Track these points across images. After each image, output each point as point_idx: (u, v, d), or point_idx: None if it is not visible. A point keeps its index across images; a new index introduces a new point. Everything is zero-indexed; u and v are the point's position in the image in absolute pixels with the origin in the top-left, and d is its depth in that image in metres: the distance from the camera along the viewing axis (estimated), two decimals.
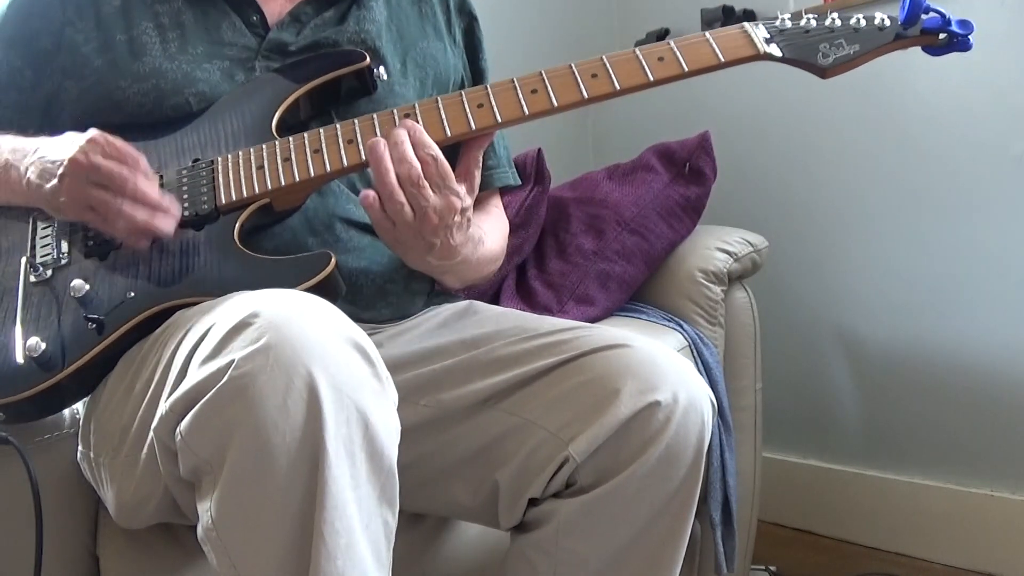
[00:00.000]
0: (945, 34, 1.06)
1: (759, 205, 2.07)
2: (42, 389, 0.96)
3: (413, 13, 1.26)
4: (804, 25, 1.07)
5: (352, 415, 0.81)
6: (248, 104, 1.11)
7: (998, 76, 1.72)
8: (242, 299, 0.87)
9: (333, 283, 0.99)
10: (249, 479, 0.80)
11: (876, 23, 1.07)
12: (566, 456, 0.99)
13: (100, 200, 0.98)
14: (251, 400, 0.78)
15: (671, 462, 0.99)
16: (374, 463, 0.83)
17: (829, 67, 1.05)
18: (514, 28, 2.37)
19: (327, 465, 0.79)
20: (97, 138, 0.99)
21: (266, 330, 0.80)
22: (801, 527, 2.03)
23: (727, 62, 1.05)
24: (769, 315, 1.76)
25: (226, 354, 0.81)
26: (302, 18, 1.18)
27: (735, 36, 1.06)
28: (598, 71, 1.05)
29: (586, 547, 1.01)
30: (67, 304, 1.00)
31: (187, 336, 0.89)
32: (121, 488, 0.97)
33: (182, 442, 0.82)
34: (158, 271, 1.02)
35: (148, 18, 1.14)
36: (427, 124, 1.03)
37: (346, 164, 1.04)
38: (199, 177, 1.06)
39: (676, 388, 1.00)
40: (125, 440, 0.96)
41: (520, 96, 1.05)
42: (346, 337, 0.84)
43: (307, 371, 0.79)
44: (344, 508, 0.80)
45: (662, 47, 1.06)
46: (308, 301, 0.87)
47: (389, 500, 0.85)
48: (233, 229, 1.03)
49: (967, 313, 1.81)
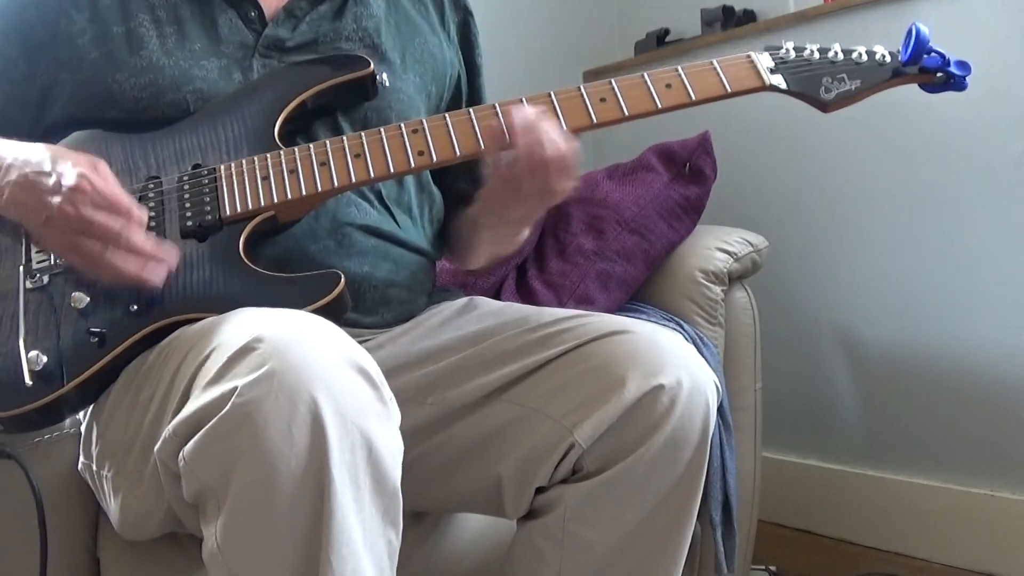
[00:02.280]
0: (943, 74, 1.09)
1: (759, 205, 2.07)
2: (42, 404, 0.95)
3: (410, 7, 1.25)
4: (807, 56, 1.10)
5: (357, 441, 0.81)
6: (249, 107, 1.09)
7: (998, 76, 1.71)
8: (245, 320, 0.87)
9: (341, 302, 0.99)
10: (255, 506, 0.80)
11: (877, 58, 1.10)
12: (571, 442, 0.99)
13: (88, 251, 0.94)
14: (256, 428, 0.78)
15: (677, 446, 1.00)
16: (378, 486, 0.83)
17: (831, 102, 1.08)
18: (514, 28, 2.37)
19: (332, 492, 0.79)
20: (84, 187, 0.93)
21: (269, 356, 0.80)
22: (801, 527, 2.03)
23: (734, 92, 1.08)
24: (769, 315, 1.76)
25: (229, 380, 0.80)
26: (297, 12, 1.16)
27: (741, 66, 1.08)
28: (607, 95, 1.07)
29: (593, 532, 1.01)
30: (67, 315, 0.98)
31: (189, 357, 0.88)
32: (125, 503, 0.97)
33: (186, 467, 0.82)
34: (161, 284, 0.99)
35: (145, 10, 1.12)
36: (435, 142, 1.04)
37: (354, 180, 1.04)
38: (201, 185, 1.04)
39: (680, 372, 1.00)
40: (128, 457, 0.95)
41: None
42: (350, 361, 0.83)
43: (311, 398, 0.79)
44: (350, 533, 0.80)
45: (670, 73, 1.08)
46: (311, 324, 0.86)
47: (392, 520, 0.85)
48: (238, 242, 1.01)
49: (967, 313, 1.80)
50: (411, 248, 1.18)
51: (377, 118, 1.14)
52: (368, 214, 1.13)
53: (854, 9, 1.92)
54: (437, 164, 1.06)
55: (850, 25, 1.93)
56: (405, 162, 1.05)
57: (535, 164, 1.02)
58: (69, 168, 0.95)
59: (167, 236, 1.02)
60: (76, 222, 0.93)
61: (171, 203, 1.03)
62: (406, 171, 1.06)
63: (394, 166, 1.05)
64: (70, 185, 0.94)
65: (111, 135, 1.09)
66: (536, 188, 1.05)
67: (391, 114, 1.15)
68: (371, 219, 1.13)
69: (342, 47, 1.17)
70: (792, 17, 2.04)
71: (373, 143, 1.05)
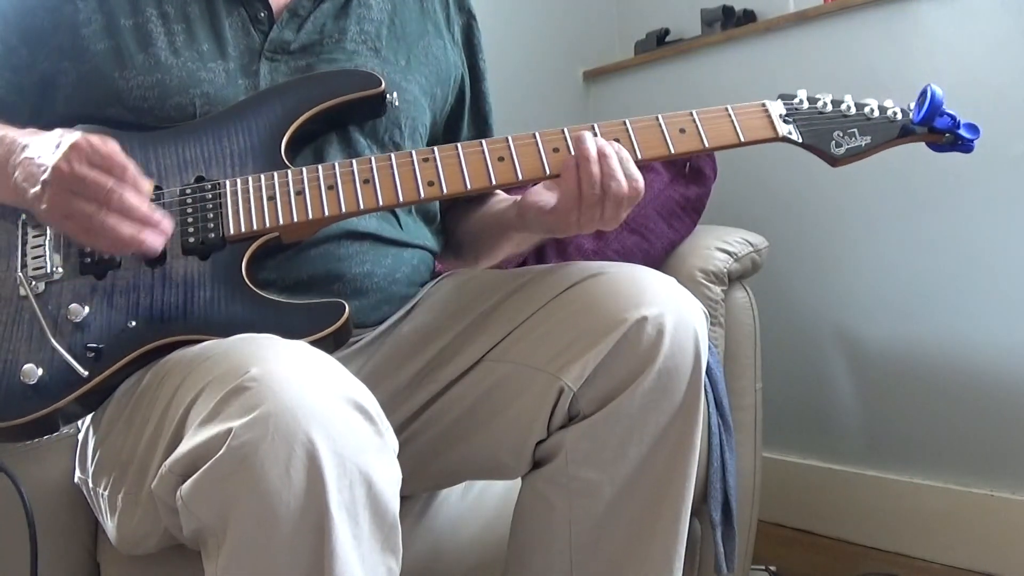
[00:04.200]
0: (951, 135, 1.11)
1: (759, 205, 2.07)
2: (38, 417, 0.93)
3: (416, 8, 1.24)
4: (820, 108, 1.12)
5: (355, 478, 0.80)
6: (256, 119, 1.07)
7: (998, 76, 1.71)
8: (239, 352, 0.86)
9: (344, 333, 0.98)
10: (254, 547, 0.79)
11: (888, 114, 1.12)
12: (560, 387, 0.99)
13: (82, 212, 0.90)
14: (253, 470, 0.77)
15: (670, 376, 0.99)
16: (377, 519, 0.83)
17: (841, 157, 1.11)
18: (514, 28, 2.37)
19: (332, 530, 0.79)
20: (81, 144, 0.91)
21: (263, 398, 0.79)
22: (801, 527, 2.03)
23: (747, 142, 1.09)
24: (769, 315, 1.76)
25: (223, 420, 0.80)
26: (301, 12, 1.15)
27: (755, 115, 1.10)
28: (620, 136, 1.07)
29: (598, 474, 1.00)
30: (62, 326, 0.96)
31: (182, 388, 0.87)
32: (122, 522, 0.96)
33: (183, 506, 0.82)
34: (160, 300, 0.98)
35: (153, 5, 1.10)
36: (446, 172, 1.04)
37: (363, 206, 1.02)
38: (204, 200, 1.02)
39: (663, 302, 1.00)
40: (125, 477, 0.95)
41: (542, 153, 1.06)
42: (345, 397, 0.83)
43: (307, 438, 0.78)
44: (351, 570, 0.80)
45: (684, 118, 1.08)
46: (306, 359, 0.85)
47: (392, 548, 0.85)
48: (241, 263, 1.00)
49: (967, 313, 1.80)
50: (413, 245, 1.18)
51: (386, 119, 1.14)
52: (369, 221, 1.12)
53: (854, 9, 1.92)
54: (447, 196, 1.05)
55: (850, 25, 1.93)
56: (414, 191, 1.03)
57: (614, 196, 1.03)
58: (73, 134, 0.93)
59: (168, 252, 1.00)
60: (69, 179, 0.90)
61: (173, 216, 1.01)
62: (415, 201, 1.05)
63: (403, 195, 1.03)
64: (69, 143, 0.91)
65: (116, 133, 1.06)
66: (611, 216, 1.05)
67: (400, 115, 1.15)
68: (371, 227, 1.13)
69: (345, 47, 1.16)
70: (792, 17, 2.03)
71: (383, 169, 1.03)
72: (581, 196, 1.02)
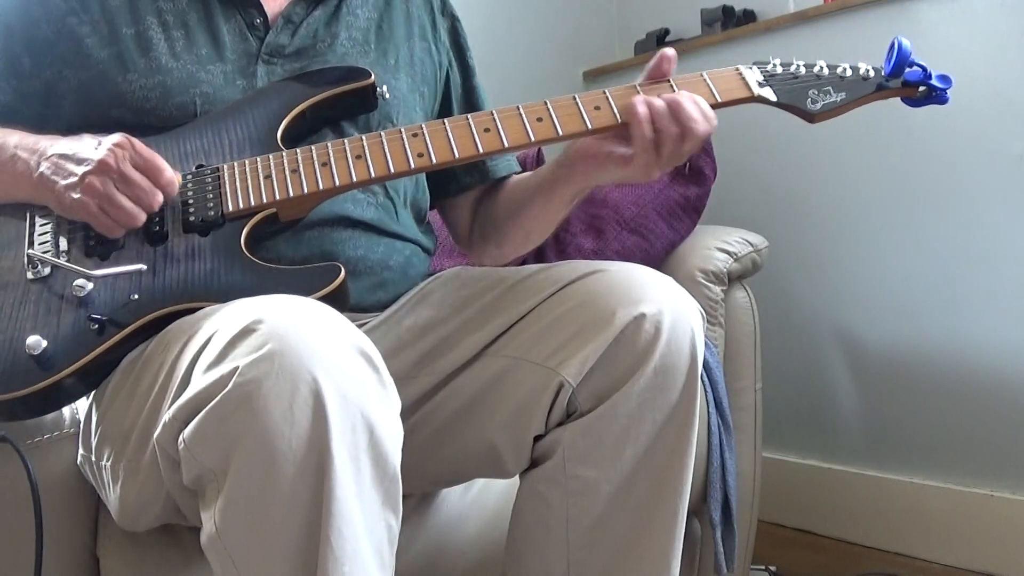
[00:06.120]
0: (925, 87, 1.13)
1: (759, 205, 2.07)
2: (40, 388, 0.95)
3: (401, 14, 1.28)
4: (794, 71, 1.14)
5: (358, 422, 0.81)
6: (253, 113, 1.12)
7: (998, 76, 1.72)
8: (245, 305, 0.87)
9: (342, 295, 0.99)
10: (254, 487, 0.79)
11: (860, 73, 1.14)
12: (559, 382, 1.00)
13: (120, 208, 0.99)
14: (256, 408, 0.78)
15: (667, 373, 1.00)
16: (378, 469, 0.83)
17: (817, 112, 1.13)
18: (514, 28, 2.38)
19: (333, 472, 0.79)
20: (124, 143, 0.99)
21: (270, 337, 0.80)
22: (801, 527, 2.03)
23: (723, 103, 1.11)
24: (769, 315, 1.76)
25: (230, 361, 0.80)
26: (293, 18, 1.20)
27: (731, 78, 1.13)
28: (601, 103, 1.09)
29: (595, 471, 1.01)
30: (68, 303, 0.99)
31: (190, 343, 0.89)
32: (124, 492, 0.97)
33: (185, 450, 0.82)
34: (163, 275, 1.01)
35: (152, 14, 1.15)
36: (434, 143, 1.07)
37: (355, 179, 1.06)
38: (204, 183, 1.06)
39: (660, 300, 1.01)
40: (127, 445, 0.95)
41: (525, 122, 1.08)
42: (351, 343, 0.84)
43: (312, 378, 0.79)
44: (350, 514, 0.80)
45: (662, 84, 1.11)
46: (312, 307, 0.87)
47: (392, 504, 0.85)
48: (240, 236, 1.03)
49: (967, 313, 1.81)
50: (407, 239, 1.20)
51: (378, 113, 1.18)
52: (365, 210, 1.15)
53: (854, 9, 1.92)
54: (436, 166, 1.08)
55: (850, 25, 1.93)
56: (404, 162, 1.07)
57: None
58: (114, 136, 1.01)
59: (169, 231, 1.04)
60: (117, 175, 0.99)
61: (174, 200, 1.05)
62: (406, 172, 1.08)
63: (394, 166, 1.07)
64: (113, 140, 1.00)
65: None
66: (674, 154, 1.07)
67: (391, 108, 1.19)
68: (369, 215, 1.16)
69: (336, 51, 1.20)
70: (792, 17, 2.04)
71: (373, 145, 1.07)
72: (658, 132, 1.05)
